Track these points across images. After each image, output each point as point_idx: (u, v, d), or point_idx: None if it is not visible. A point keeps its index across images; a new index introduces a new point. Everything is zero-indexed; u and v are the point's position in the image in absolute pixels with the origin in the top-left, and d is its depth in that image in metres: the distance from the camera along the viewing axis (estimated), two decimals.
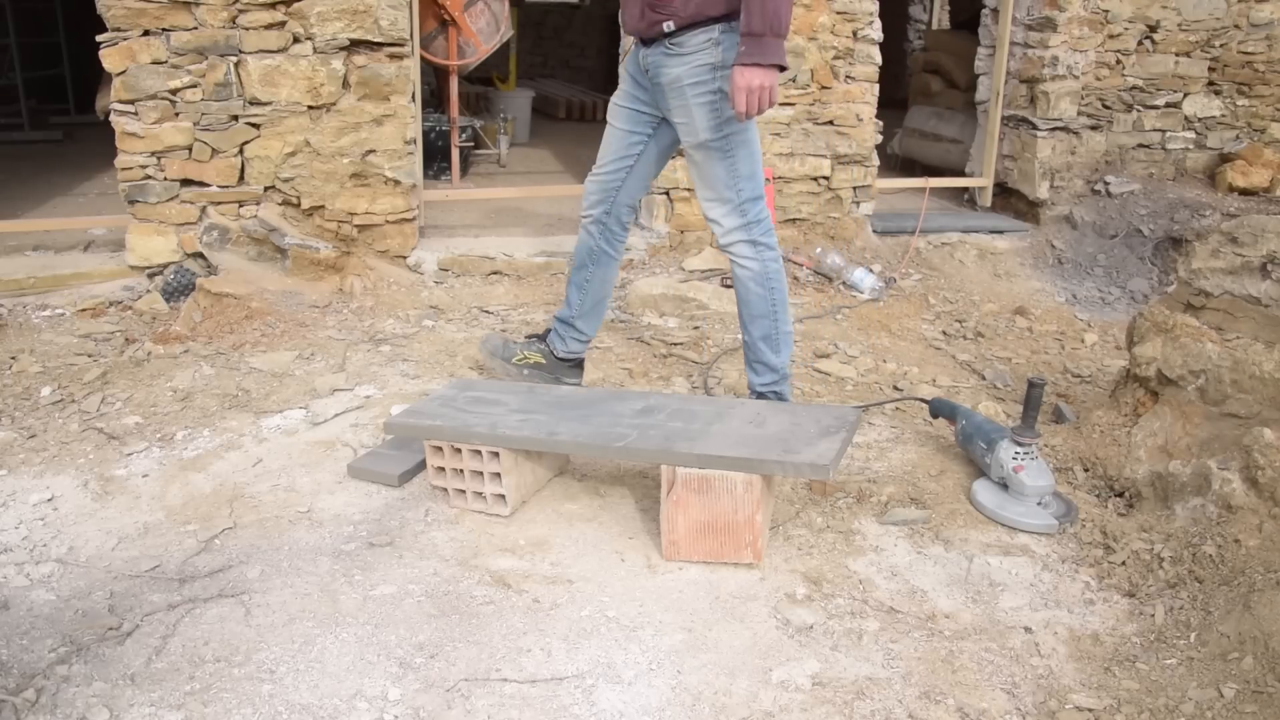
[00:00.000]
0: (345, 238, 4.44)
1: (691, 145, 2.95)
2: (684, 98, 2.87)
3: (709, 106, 2.85)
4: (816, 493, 2.81)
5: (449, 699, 1.97)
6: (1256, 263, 2.85)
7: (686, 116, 2.90)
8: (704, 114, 2.86)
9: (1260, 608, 2.09)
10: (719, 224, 3.01)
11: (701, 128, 2.88)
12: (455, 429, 2.65)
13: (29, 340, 3.73)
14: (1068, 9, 5.49)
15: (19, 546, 2.46)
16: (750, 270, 3.00)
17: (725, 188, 2.95)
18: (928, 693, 2.04)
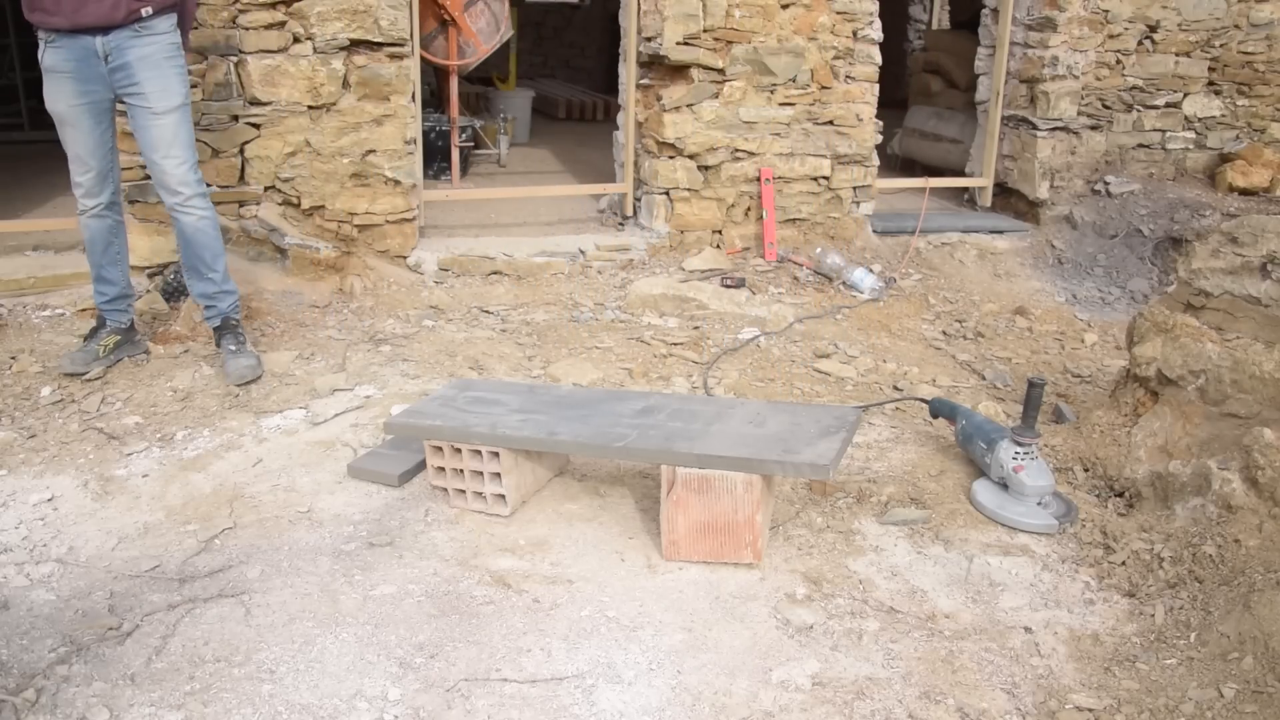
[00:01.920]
0: (345, 238, 4.44)
1: (167, 109, 3.32)
2: (159, 68, 3.31)
3: (181, 74, 3.38)
4: (816, 493, 2.81)
5: (449, 699, 1.97)
6: (1256, 263, 2.85)
7: (163, 84, 3.32)
8: (179, 81, 3.36)
9: (1260, 608, 2.09)
10: (187, 183, 3.39)
11: (177, 93, 3.35)
12: (455, 429, 2.65)
13: (29, 340, 3.73)
14: (1068, 9, 5.49)
15: (19, 546, 2.46)
16: (209, 218, 3.47)
17: (190, 149, 3.41)
18: (928, 693, 2.04)
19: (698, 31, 4.76)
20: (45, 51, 3.25)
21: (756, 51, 4.88)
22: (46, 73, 3.26)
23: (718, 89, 4.89)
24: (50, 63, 3.25)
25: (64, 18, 3.18)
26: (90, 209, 3.40)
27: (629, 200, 5.19)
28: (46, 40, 3.24)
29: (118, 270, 3.54)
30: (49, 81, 3.27)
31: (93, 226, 3.43)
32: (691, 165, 4.93)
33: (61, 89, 3.26)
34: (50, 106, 3.30)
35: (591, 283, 4.66)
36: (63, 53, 3.23)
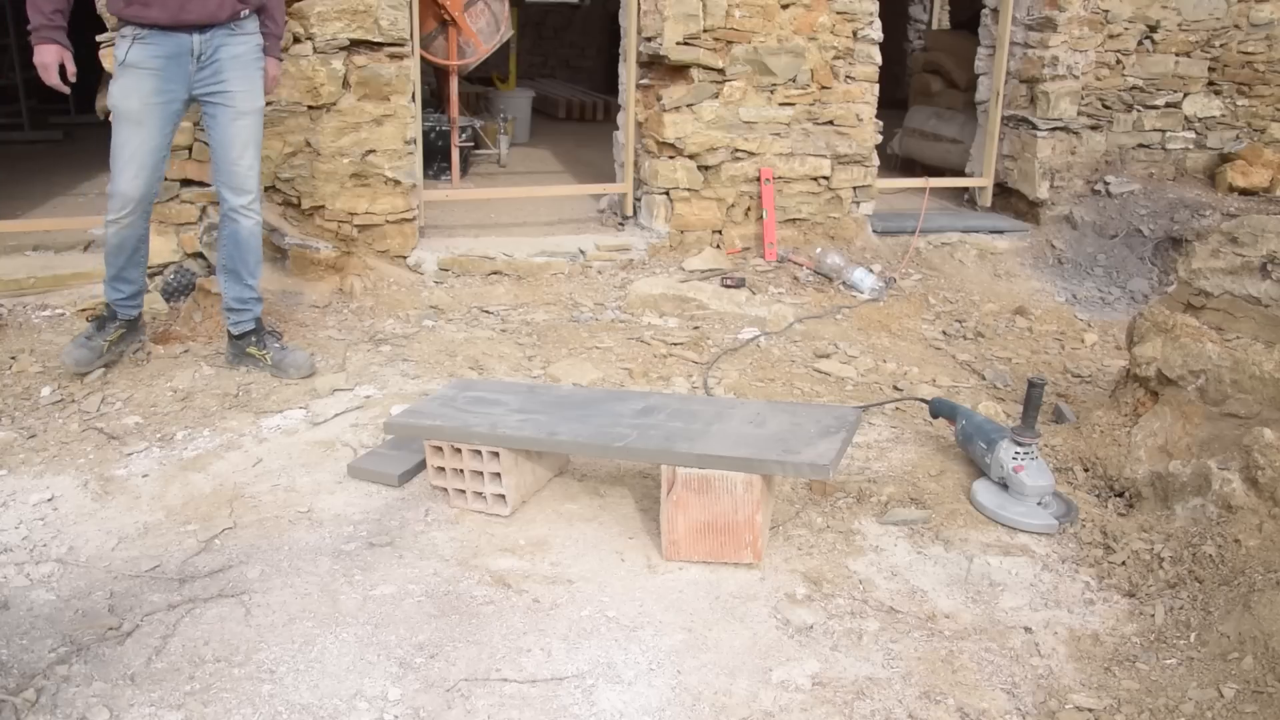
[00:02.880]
0: (345, 238, 4.44)
1: (251, 110, 3.36)
2: (248, 68, 3.34)
3: (262, 77, 3.41)
4: (816, 493, 2.81)
5: (449, 699, 1.97)
6: (1256, 263, 2.85)
7: (250, 85, 3.35)
8: (261, 83, 3.40)
9: (1260, 608, 2.09)
10: (254, 187, 3.42)
11: (260, 95, 3.40)
12: (455, 429, 2.65)
13: (29, 340, 3.73)
14: (1068, 9, 5.49)
15: (19, 546, 2.46)
16: (260, 224, 3.48)
17: (260, 153, 3.43)
18: (928, 693, 2.04)
19: (698, 31, 4.76)
20: (131, 46, 3.15)
21: (756, 51, 4.88)
22: (125, 68, 3.17)
23: (718, 89, 4.89)
24: (135, 58, 3.16)
25: (165, 13, 3.12)
26: (125, 216, 3.30)
27: (629, 200, 5.19)
28: (135, 35, 3.14)
29: (139, 271, 3.50)
30: (126, 77, 3.18)
31: (125, 234, 3.35)
32: (691, 165, 4.93)
33: (140, 86, 3.18)
34: (119, 103, 3.20)
35: (591, 283, 4.66)
36: (152, 49, 3.15)
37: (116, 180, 3.26)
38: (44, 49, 3.10)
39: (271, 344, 3.54)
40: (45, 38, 3.09)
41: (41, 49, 3.10)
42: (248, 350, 3.53)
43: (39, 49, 3.10)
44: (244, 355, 3.53)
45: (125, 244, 3.38)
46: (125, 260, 3.42)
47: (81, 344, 3.41)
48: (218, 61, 3.26)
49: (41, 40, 3.09)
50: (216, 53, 3.25)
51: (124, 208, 3.28)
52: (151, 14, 3.12)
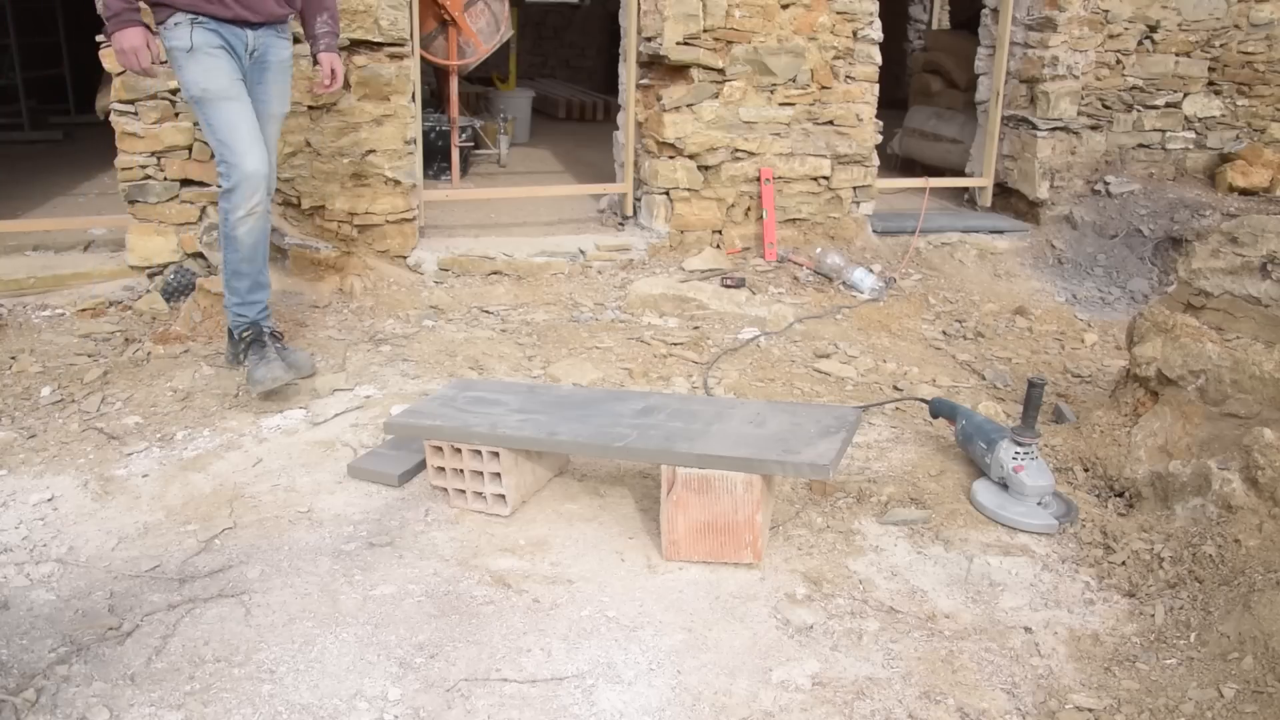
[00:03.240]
0: (345, 238, 4.44)
1: (282, 114, 3.40)
2: (286, 73, 3.37)
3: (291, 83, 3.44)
4: (816, 493, 2.81)
5: (449, 699, 1.97)
6: (1256, 263, 2.85)
7: (285, 89, 3.38)
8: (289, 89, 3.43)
9: (1260, 608, 2.09)
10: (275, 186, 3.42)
11: (289, 99, 3.44)
12: (455, 429, 2.65)
13: (29, 340, 3.73)
14: (1068, 9, 5.49)
15: (19, 546, 2.46)
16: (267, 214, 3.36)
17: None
18: (928, 693, 2.04)
19: (698, 31, 4.76)
20: (193, 30, 3.07)
21: (756, 51, 4.88)
22: (194, 52, 3.08)
23: (718, 89, 4.89)
24: (200, 41, 3.09)
25: (225, 8, 3.10)
26: (258, 202, 3.17)
27: (629, 200, 5.19)
28: (193, 20, 3.07)
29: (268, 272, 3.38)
30: (198, 60, 3.09)
31: (258, 226, 3.22)
32: (691, 165, 4.93)
33: (219, 64, 3.11)
34: (207, 84, 3.10)
35: (591, 283, 4.66)
36: (211, 33, 3.11)
37: (241, 163, 3.12)
38: (129, 33, 3.02)
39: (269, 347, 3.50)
40: (128, 21, 3.01)
41: (127, 33, 3.01)
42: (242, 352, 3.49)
43: (123, 34, 3.01)
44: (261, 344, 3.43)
45: (260, 239, 3.25)
46: (262, 258, 3.28)
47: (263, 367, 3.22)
48: (265, 62, 3.25)
49: (124, 25, 3.01)
50: (265, 53, 3.24)
51: (256, 191, 3.15)
52: (211, 7, 3.08)
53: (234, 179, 3.14)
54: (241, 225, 3.19)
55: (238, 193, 3.15)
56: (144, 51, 3.04)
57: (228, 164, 3.15)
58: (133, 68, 3.07)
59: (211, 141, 3.19)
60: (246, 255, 3.25)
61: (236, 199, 3.16)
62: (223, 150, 3.14)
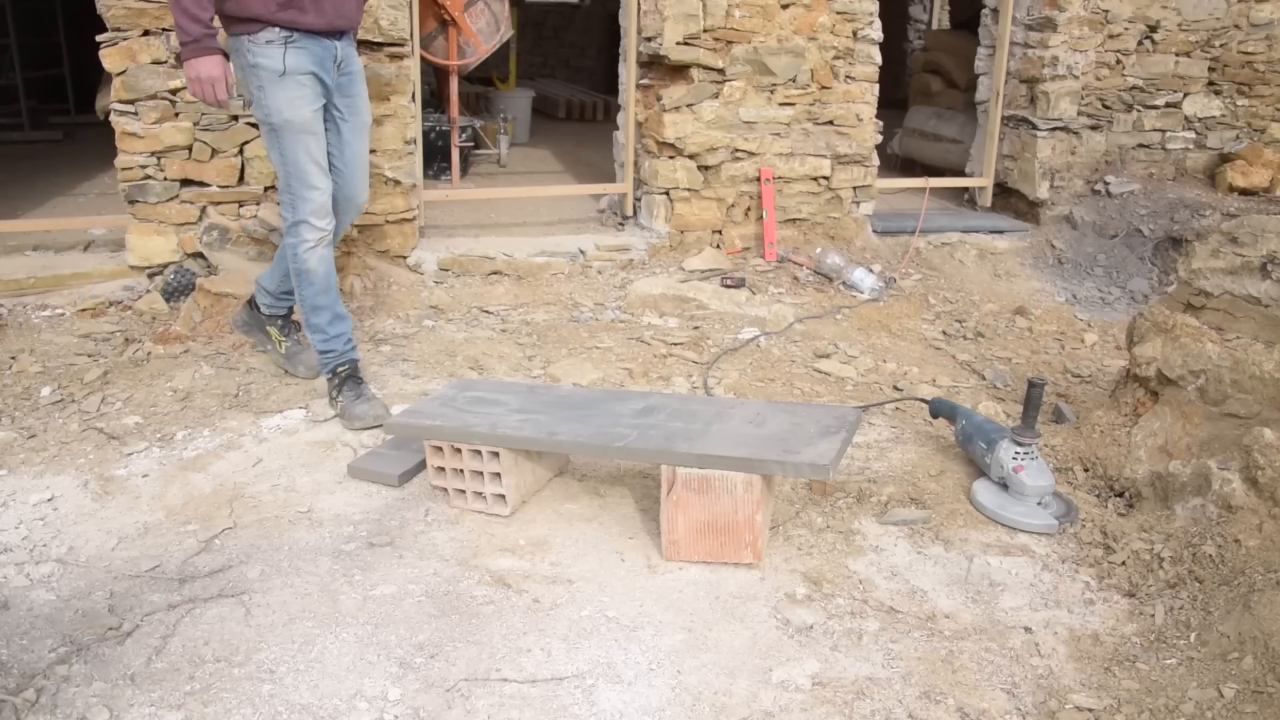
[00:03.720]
0: (345, 238, 4.44)
1: (370, 124, 3.32)
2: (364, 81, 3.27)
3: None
4: (816, 493, 2.81)
5: (449, 699, 1.97)
6: (1256, 263, 2.85)
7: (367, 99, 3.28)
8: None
9: (1260, 608, 2.09)
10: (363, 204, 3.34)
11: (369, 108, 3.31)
12: (455, 429, 2.65)
13: (29, 340, 3.73)
14: (1068, 9, 5.49)
15: (19, 546, 2.46)
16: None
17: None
18: (928, 693, 2.04)
19: (698, 31, 4.76)
20: (287, 53, 2.92)
21: (756, 51, 4.88)
22: (285, 77, 2.94)
23: (718, 89, 4.89)
24: (293, 64, 2.93)
25: (321, 17, 2.94)
26: (327, 231, 3.11)
27: (629, 200, 5.19)
28: (286, 40, 2.92)
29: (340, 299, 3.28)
30: (288, 87, 2.95)
31: (328, 255, 3.15)
32: (691, 165, 4.93)
33: (305, 94, 2.98)
34: (290, 115, 2.97)
35: (591, 283, 4.66)
36: (305, 54, 2.95)
37: (311, 196, 3.04)
38: (207, 62, 2.83)
39: (292, 335, 3.48)
40: (207, 48, 2.82)
41: (204, 62, 2.82)
42: (267, 328, 3.47)
43: (201, 62, 2.82)
44: (260, 331, 3.47)
45: (332, 266, 3.16)
46: (335, 287, 3.19)
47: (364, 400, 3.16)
48: (351, 72, 3.14)
49: (203, 52, 2.82)
50: (349, 62, 3.12)
51: (325, 218, 3.09)
52: (307, 19, 2.92)
53: (301, 213, 3.06)
54: (313, 255, 3.11)
55: (306, 225, 3.08)
56: (222, 83, 2.87)
57: (294, 195, 3.05)
58: (206, 99, 2.88)
59: (280, 170, 3.06)
60: (322, 286, 3.15)
61: (305, 232, 3.08)
62: (291, 182, 3.04)
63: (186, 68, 2.84)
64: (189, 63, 2.83)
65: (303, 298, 3.17)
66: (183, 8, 2.77)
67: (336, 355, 3.22)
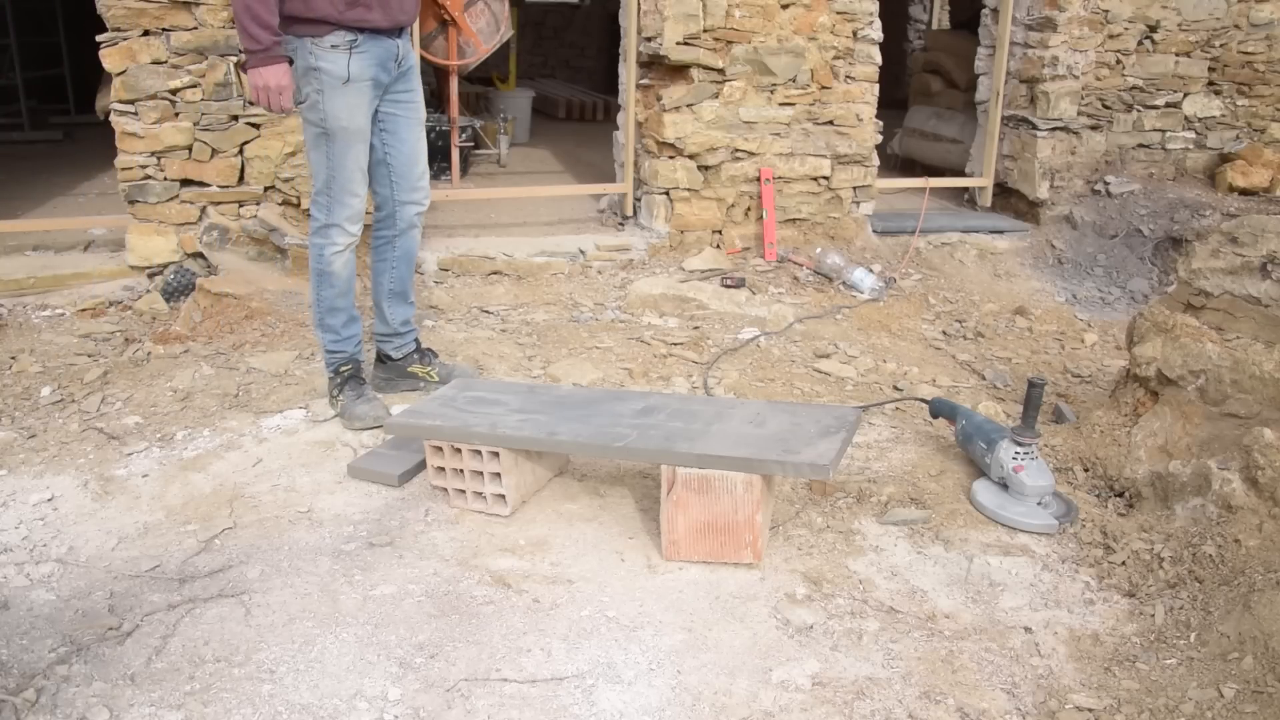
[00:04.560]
0: None
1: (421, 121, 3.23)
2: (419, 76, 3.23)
3: None
4: (816, 493, 2.81)
5: (449, 699, 1.97)
6: (1256, 263, 2.85)
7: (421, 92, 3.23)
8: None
9: (1260, 608, 2.09)
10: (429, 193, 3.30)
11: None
12: (455, 429, 2.65)
13: (29, 340, 3.73)
14: (1068, 9, 5.49)
15: (19, 546, 2.46)
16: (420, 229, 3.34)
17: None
18: (928, 693, 2.04)
19: (698, 31, 4.76)
20: (351, 59, 2.89)
21: (756, 51, 4.88)
22: (349, 84, 2.92)
23: (718, 89, 4.89)
24: (357, 70, 2.91)
25: (386, 15, 2.92)
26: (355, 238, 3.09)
27: (629, 200, 5.19)
28: (350, 45, 2.89)
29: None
30: (350, 94, 2.93)
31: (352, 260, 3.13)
32: (691, 165, 4.94)
33: (363, 101, 2.97)
34: (346, 121, 2.95)
35: (591, 283, 4.66)
36: (366, 58, 2.93)
37: (346, 200, 3.03)
38: (274, 70, 2.80)
39: (433, 359, 3.42)
40: (276, 56, 2.80)
41: (271, 70, 2.80)
42: (410, 370, 3.39)
43: (268, 70, 2.80)
44: (405, 376, 3.38)
45: (353, 271, 3.15)
46: (353, 291, 3.18)
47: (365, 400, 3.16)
48: (409, 69, 3.13)
49: (271, 60, 2.79)
50: (409, 58, 3.11)
51: (358, 224, 3.08)
52: (374, 17, 2.89)
53: (336, 217, 3.04)
54: (338, 259, 3.09)
55: (338, 229, 3.06)
56: (289, 93, 2.85)
57: (332, 199, 3.03)
58: (272, 107, 2.86)
59: (321, 172, 3.01)
60: (342, 289, 3.14)
61: (336, 235, 3.06)
62: (332, 186, 3.01)
63: (252, 75, 2.81)
64: (255, 71, 2.80)
65: (320, 298, 3.15)
66: (252, 14, 2.74)
67: (344, 356, 3.21)
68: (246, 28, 2.76)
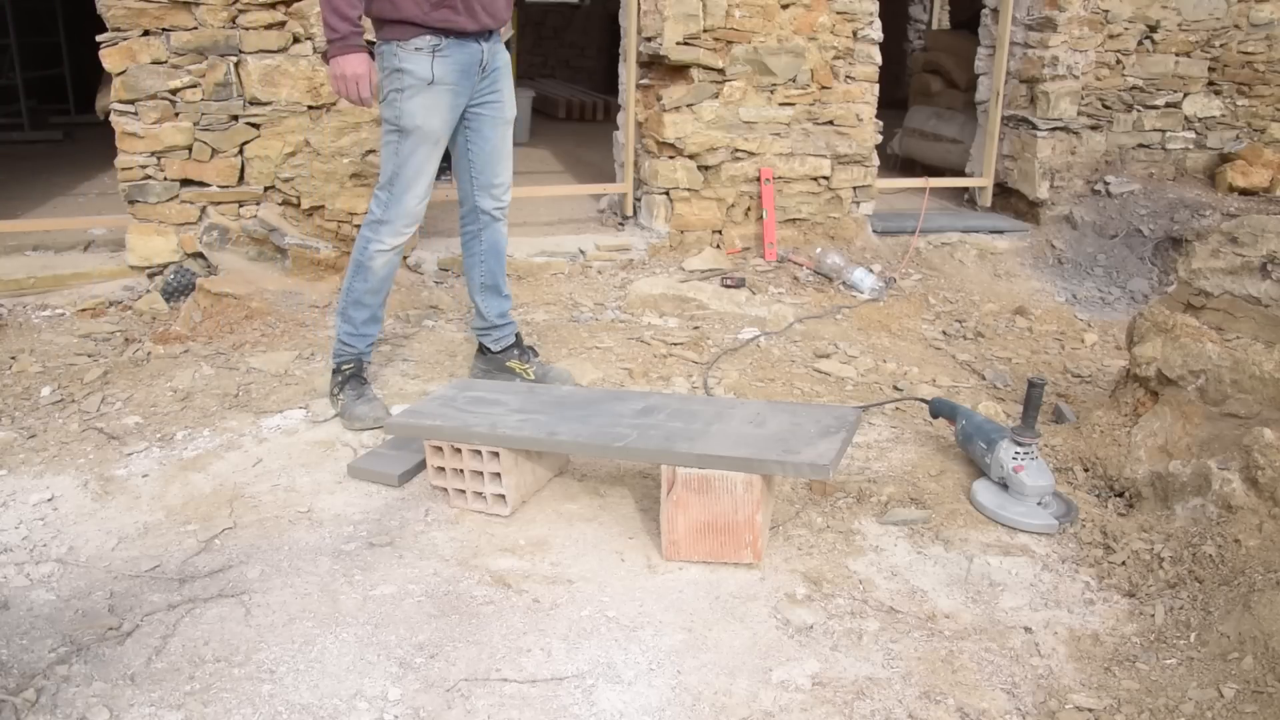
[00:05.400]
0: (345, 238, 4.44)
1: (514, 118, 3.33)
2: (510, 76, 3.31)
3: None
4: (816, 493, 2.81)
5: (449, 699, 1.97)
6: (1256, 263, 2.85)
7: (512, 93, 3.32)
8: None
9: (1260, 608, 2.09)
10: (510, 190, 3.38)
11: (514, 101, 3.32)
12: (455, 429, 2.65)
13: (29, 340, 3.73)
14: (1068, 9, 5.49)
15: (19, 546, 2.46)
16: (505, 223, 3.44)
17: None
18: (928, 693, 2.04)
19: (698, 31, 4.76)
20: (434, 61, 2.93)
21: (756, 51, 4.88)
22: (432, 86, 2.96)
23: (718, 89, 4.89)
24: (440, 73, 2.95)
25: (472, 18, 2.95)
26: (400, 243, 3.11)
27: (629, 200, 5.19)
28: (434, 48, 2.93)
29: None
30: (432, 95, 2.97)
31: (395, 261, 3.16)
32: (691, 165, 4.94)
33: (444, 103, 3.00)
34: (423, 122, 2.98)
35: (591, 283, 4.66)
36: (450, 62, 2.96)
37: (404, 201, 3.05)
38: (353, 59, 2.83)
39: (532, 358, 3.43)
40: (354, 46, 2.82)
41: (350, 60, 2.82)
42: (508, 365, 3.40)
43: (347, 60, 2.82)
44: (503, 370, 3.40)
45: (391, 274, 3.17)
46: (386, 293, 3.22)
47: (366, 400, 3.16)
48: (497, 70, 3.17)
49: (350, 50, 2.81)
50: (495, 59, 3.15)
51: (409, 228, 3.12)
52: (460, 20, 2.92)
53: (393, 214, 3.06)
54: (380, 257, 3.11)
55: (390, 227, 3.07)
56: (366, 81, 2.86)
57: (393, 196, 3.05)
58: (350, 96, 2.87)
59: (388, 169, 3.04)
60: (374, 287, 3.16)
61: (386, 233, 3.08)
62: (397, 183, 3.04)
63: (332, 65, 2.85)
64: (335, 60, 2.83)
65: (351, 288, 3.18)
66: (333, 6, 2.77)
67: (353, 353, 3.23)
68: (327, 18, 2.81)
